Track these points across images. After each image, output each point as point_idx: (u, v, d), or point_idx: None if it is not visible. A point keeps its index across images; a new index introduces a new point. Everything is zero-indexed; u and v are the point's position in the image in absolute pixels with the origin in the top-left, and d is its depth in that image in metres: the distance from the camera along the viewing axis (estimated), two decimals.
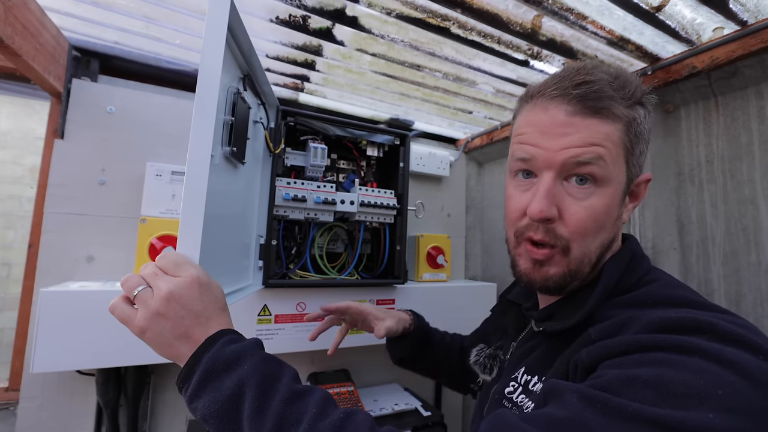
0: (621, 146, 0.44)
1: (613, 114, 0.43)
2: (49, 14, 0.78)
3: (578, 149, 0.43)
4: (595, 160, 0.43)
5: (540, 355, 0.49)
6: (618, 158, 0.44)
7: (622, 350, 0.35)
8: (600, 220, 0.44)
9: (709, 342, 0.32)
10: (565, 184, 0.45)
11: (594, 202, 0.44)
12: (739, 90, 0.80)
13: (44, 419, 0.82)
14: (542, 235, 0.45)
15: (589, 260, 0.46)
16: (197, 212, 0.47)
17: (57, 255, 0.85)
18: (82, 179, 0.88)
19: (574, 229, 0.44)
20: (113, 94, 0.92)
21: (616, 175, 0.44)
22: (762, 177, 0.76)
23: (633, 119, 0.44)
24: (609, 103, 0.43)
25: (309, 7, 0.75)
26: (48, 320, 0.72)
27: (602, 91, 0.43)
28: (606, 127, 0.43)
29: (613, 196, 0.44)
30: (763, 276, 0.75)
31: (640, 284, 0.45)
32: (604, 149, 0.43)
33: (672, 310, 0.37)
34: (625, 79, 0.45)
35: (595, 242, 0.45)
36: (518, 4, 0.72)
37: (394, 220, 1.04)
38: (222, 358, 0.40)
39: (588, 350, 0.37)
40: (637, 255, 0.48)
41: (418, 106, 1.17)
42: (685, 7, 0.71)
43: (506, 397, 0.50)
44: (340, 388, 1.01)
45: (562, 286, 0.47)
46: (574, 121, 0.43)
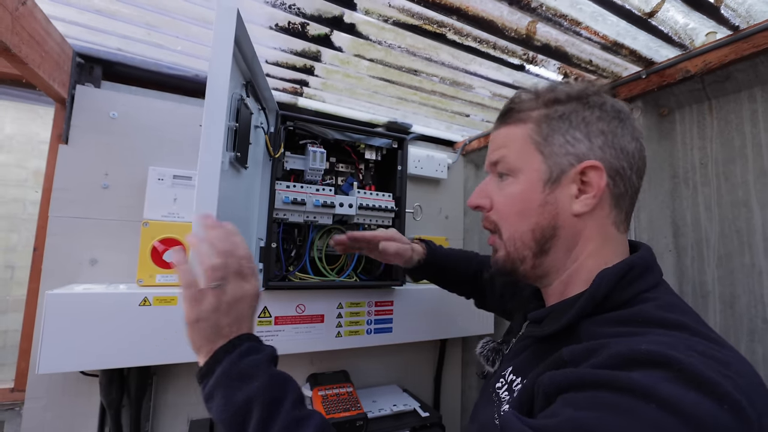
0: (527, 141, 0.50)
1: (519, 119, 0.52)
2: (54, 23, 0.80)
3: (491, 153, 0.55)
4: (500, 158, 0.53)
5: (526, 357, 0.51)
6: (525, 151, 0.50)
7: (580, 384, 0.35)
8: (517, 204, 0.51)
9: (671, 385, 0.31)
10: (498, 181, 0.54)
11: (510, 190, 0.52)
12: (732, 93, 0.81)
13: (49, 419, 0.84)
14: (485, 223, 0.56)
15: (522, 243, 0.50)
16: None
17: (61, 258, 0.87)
18: (86, 183, 0.90)
19: (500, 213, 0.53)
20: (116, 100, 0.93)
21: (527, 165, 0.50)
22: (755, 179, 0.77)
23: (546, 116, 0.50)
24: (513, 114, 0.53)
25: (308, 15, 0.76)
26: (53, 322, 0.74)
27: (509, 106, 0.54)
28: (511, 130, 0.53)
29: (528, 182, 0.50)
30: (757, 278, 0.75)
31: (635, 301, 0.43)
32: (506, 148, 0.52)
33: (649, 337, 0.37)
34: (550, 88, 0.53)
35: (522, 225, 0.50)
36: (513, 11, 0.74)
37: (392, 223, 1.05)
38: (235, 371, 0.46)
39: (551, 377, 0.38)
40: (636, 268, 0.45)
41: (415, 109, 1.19)
42: (677, 13, 0.72)
43: (495, 391, 0.53)
44: (339, 389, 1.02)
45: (507, 269, 0.53)
46: (494, 135, 0.56)
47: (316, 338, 0.98)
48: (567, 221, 0.49)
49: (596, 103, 0.50)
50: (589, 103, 0.50)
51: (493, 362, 0.60)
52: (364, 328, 1.04)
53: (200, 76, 1.02)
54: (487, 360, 0.61)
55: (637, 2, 0.70)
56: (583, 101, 0.50)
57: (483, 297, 0.88)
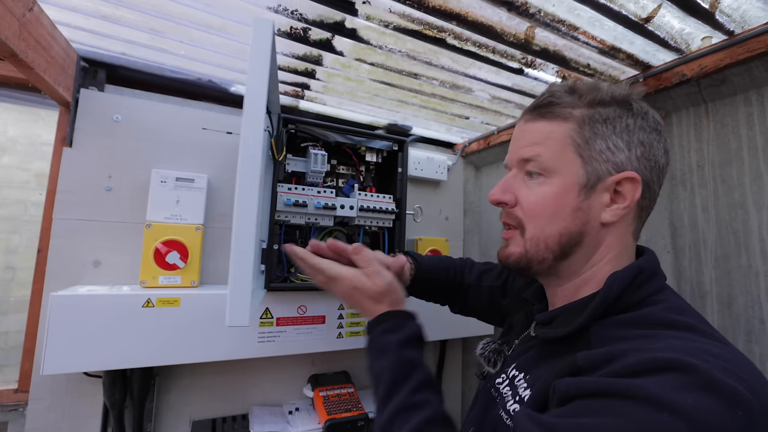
0: (567, 141, 0.48)
1: (558, 115, 0.49)
2: (60, 27, 0.81)
3: (523, 148, 0.52)
4: (534, 156, 0.50)
5: (531, 357, 0.52)
6: (563, 152, 0.48)
7: (596, 392, 0.36)
8: (549, 206, 0.49)
9: (686, 393, 0.32)
10: (525, 178, 0.52)
11: (543, 190, 0.49)
12: (728, 97, 0.82)
13: (53, 420, 0.85)
14: (505, 218, 0.55)
15: (546, 245, 0.49)
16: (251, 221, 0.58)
17: (65, 259, 0.88)
18: (90, 186, 0.91)
19: (526, 211, 0.51)
20: (119, 103, 0.94)
21: (564, 167, 0.48)
22: (751, 182, 0.78)
23: (589, 117, 0.48)
24: (553, 108, 0.50)
25: (309, 20, 0.77)
26: (58, 323, 0.75)
27: (548, 99, 0.50)
28: (549, 127, 0.49)
29: (563, 186, 0.48)
30: (753, 279, 0.76)
31: (645, 303, 0.44)
32: (542, 146, 0.49)
33: (663, 342, 0.38)
34: (590, 87, 0.50)
35: (550, 228, 0.49)
36: (511, 17, 0.75)
37: (392, 224, 1.06)
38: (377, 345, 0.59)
39: (567, 383, 0.38)
40: (645, 272, 0.46)
41: (415, 112, 1.20)
42: (673, 18, 0.74)
43: (495, 387, 0.54)
44: (341, 390, 1.03)
45: (520, 266, 0.52)
46: (526, 127, 0.53)
47: (318, 339, 0.99)
48: (594, 229, 0.49)
49: (640, 111, 0.49)
50: (633, 110, 0.49)
51: (494, 363, 0.60)
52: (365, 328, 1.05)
53: (202, 80, 1.03)
54: (488, 361, 0.61)
55: (633, 8, 0.71)
56: (627, 107, 0.49)
57: (464, 302, 0.86)
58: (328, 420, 0.93)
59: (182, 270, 0.90)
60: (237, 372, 1.03)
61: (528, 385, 0.48)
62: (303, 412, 1.01)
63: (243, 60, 0.93)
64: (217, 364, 0.95)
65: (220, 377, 1.01)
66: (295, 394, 1.09)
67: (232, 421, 0.98)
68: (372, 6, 0.73)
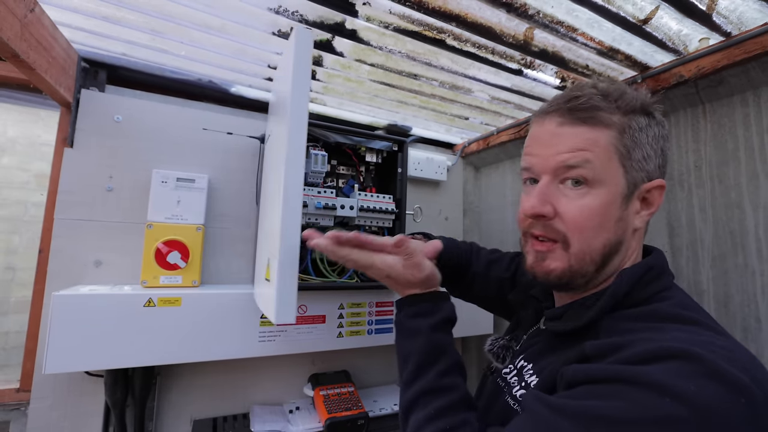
0: (612, 150, 0.47)
1: (601, 122, 0.47)
2: (61, 28, 0.81)
3: (566, 154, 0.48)
4: (582, 164, 0.47)
5: (539, 348, 0.53)
6: (609, 161, 0.47)
7: (603, 377, 0.37)
8: (596, 219, 0.47)
9: (690, 379, 0.33)
10: (561, 187, 0.49)
11: (588, 201, 0.47)
12: (725, 98, 0.82)
13: (55, 419, 0.85)
14: (541, 230, 0.50)
15: (591, 258, 0.48)
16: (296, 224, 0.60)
17: (66, 259, 0.88)
18: (91, 186, 0.91)
19: (570, 224, 0.48)
20: (120, 104, 0.95)
21: (610, 177, 0.47)
22: (748, 182, 0.78)
23: (628, 126, 0.47)
24: (595, 113, 0.47)
25: (310, 21, 0.78)
26: (60, 323, 0.75)
27: (588, 103, 0.48)
28: (593, 134, 0.47)
29: (609, 196, 0.47)
30: (750, 278, 0.77)
31: (653, 300, 0.46)
32: (591, 153, 0.47)
33: (670, 334, 0.39)
34: (621, 92, 0.49)
35: (596, 241, 0.47)
36: (510, 18, 0.75)
37: (392, 225, 1.07)
38: (406, 327, 0.60)
39: (575, 369, 0.40)
40: (654, 269, 0.48)
41: (415, 112, 1.20)
42: (670, 20, 0.74)
43: (501, 377, 0.56)
44: (341, 389, 1.04)
45: (563, 282, 0.50)
46: (563, 131, 0.49)
47: (318, 338, 1.00)
48: (628, 236, 0.50)
49: (661, 120, 0.50)
50: (656, 118, 0.50)
51: (503, 359, 0.60)
52: (365, 328, 1.06)
53: (203, 80, 1.03)
54: (497, 357, 0.61)
55: (631, 9, 0.72)
56: (652, 115, 0.49)
57: (468, 288, 0.84)
58: (329, 419, 0.93)
59: (183, 270, 0.90)
60: (238, 371, 1.04)
61: (534, 373, 0.50)
62: (303, 411, 1.02)
63: (243, 61, 0.93)
64: (218, 363, 0.95)
65: (221, 376, 1.02)
66: (295, 393, 1.09)
67: (233, 420, 0.98)
68: (372, 7, 0.73)
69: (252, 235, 1.06)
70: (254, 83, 1.05)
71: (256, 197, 1.06)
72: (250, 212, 1.06)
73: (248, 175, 1.06)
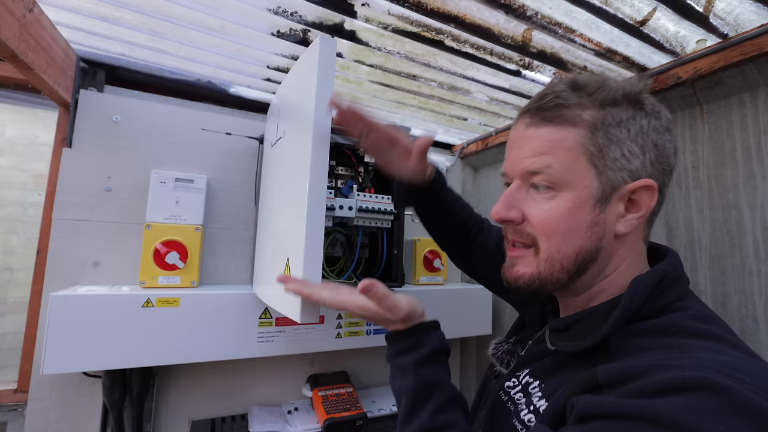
0: (579, 150, 0.43)
1: (567, 120, 0.44)
2: (59, 28, 0.81)
3: (528, 159, 0.45)
4: (543, 169, 0.44)
5: (547, 363, 0.50)
6: (575, 162, 0.43)
7: (618, 414, 0.33)
8: (563, 223, 0.44)
9: (718, 420, 0.29)
10: (531, 191, 0.47)
11: (554, 205, 0.44)
12: (722, 99, 0.83)
13: (52, 420, 0.85)
14: (513, 235, 0.49)
15: (561, 266, 0.45)
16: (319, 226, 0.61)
17: (65, 260, 0.88)
18: (89, 186, 0.91)
19: (538, 228, 0.46)
20: (119, 104, 0.95)
21: (577, 179, 0.43)
22: (745, 183, 0.79)
23: (601, 121, 0.43)
24: (560, 111, 0.44)
25: (309, 22, 0.78)
26: (58, 323, 0.75)
27: (554, 101, 0.45)
28: (558, 134, 0.44)
29: (577, 200, 0.44)
30: (747, 278, 0.77)
31: (668, 310, 0.42)
32: (552, 156, 0.44)
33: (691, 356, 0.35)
34: (600, 84, 0.45)
35: (567, 247, 0.45)
36: (509, 19, 0.76)
37: (391, 225, 1.07)
38: (395, 364, 0.57)
39: (587, 402, 0.36)
40: (669, 276, 0.43)
41: (414, 113, 1.20)
42: (668, 21, 0.75)
43: (504, 390, 0.52)
44: (339, 390, 1.04)
45: (532, 288, 0.48)
46: (528, 133, 0.46)
47: (317, 339, 1.00)
48: (608, 243, 0.45)
49: (653, 110, 0.45)
50: (646, 109, 0.44)
51: (507, 364, 0.57)
52: (363, 329, 1.06)
53: (202, 81, 1.03)
54: (501, 362, 0.58)
55: (629, 11, 0.72)
56: (639, 105, 0.44)
57: (470, 258, 0.79)
58: (327, 419, 0.93)
59: (182, 270, 0.90)
60: (236, 372, 1.03)
61: (543, 395, 0.46)
62: (302, 412, 1.02)
63: (242, 61, 0.93)
64: (216, 364, 0.95)
65: (219, 377, 1.01)
66: (294, 393, 1.09)
67: (231, 421, 0.98)
68: (371, 8, 0.74)
69: (251, 236, 1.06)
70: (253, 84, 1.05)
71: (255, 198, 1.06)
72: (249, 213, 1.06)
73: (247, 176, 1.06)
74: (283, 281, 0.61)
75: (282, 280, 0.62)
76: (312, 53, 0.64)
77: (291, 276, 0.63)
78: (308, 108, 0.62)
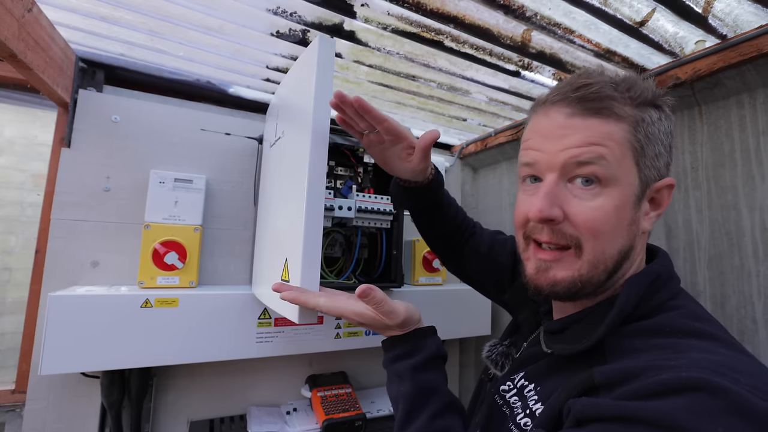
0: (626, 146, 0.42)
1: (615, 114, 0.43)
2: (58, 28, 0.81)
3: (578, 149, 0.42)
4: (596, 160, 0.42)
5: (542, 366, 0.49)
6: (624, 158, 0.42)
7: (615, 417, 0.33)
8: (611, 222, 0.42)
9: (716, 421, 0.29)
10: (570, 186, 0.44)
11: (601, 203, 0.42)
12: (721, 100, 0.83)
13: (50, 421, 0.84)
14: (548, 236, 0.45)
15: (605, 267, 0.43)
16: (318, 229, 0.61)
17: (63, 260, 0.88)
18: (88, 186, 0.91)
19: (583, 228, 0.43)
20: (118, 104, 0.94)
21: (623, 175, 0.42)
22: (743, 184, 0.79)
23: (641, 119, 0.43)
24: (609, 103, 0.43)
25: (308, 22, 0.78)
26: (56, 324, 0.75)
27: (601, 92, 0.43)
28: (607, 127, 0.42)
29: (623, 197, 0.43)
30: (746, 279, 0.77)
31: (661, 309, 0.42)
32: (605, 148, 0.42)
33: (686, 356, 0.35)
34: (632, 81, 0.45)
35: (611, 247, 0.43)
36: (508, 20, 0.76)
37: (390, 226, 1.07)
38: (391, 370, 0.57)
39: (584, 404, 0.36)
40: (662, 276, 0.44)
41: (413, 113, 1.20)
42: (667, 22, 0.75)
43: (500, 394, 0.52)
44: (338, 390, 1.03)
45: (571, 292, 0.45)
46: (573, 123, 0.43)
47: (315, 339, 0.99)
48: (638, 240, 0.46)
49: (669, 114, 0.46)
50: (666, 112, 0.46)
51: (502, 366, 0.57)
52: (362, 329, 1.06)
53: (201, 81, 1.03)
54: (495, 364, 0.58)
55: (628, 12, 0.72)
56: (661, 109, 0.45)
57: (462, 263, 0.79)
58: (326, 420, 0.93)
59: (180, 270, 0.90)
60: (235, 372, 1.03)
61: (539, 399, 0.46)
62: (301, 413, 1.02)
63: (241, 61, 0.93)
64: (215, 364, 0.95)
65: (218, 378, 1.01)
66: (292, 394, 1.09)
67: (230, 422, 0.98)
68: (370, 8, 0.74)
69: (250, 236, 1.06)
70: (252, 84, 1.05)
71: (254, 198, 1.06)
72: (248, 213, 1.06)
73: (246, 176, 1.06)
74: (278, 290, 0.59)
75: (277, 289, 0.60)
76: (311, 53, 0.64)
77: (286, 284, 0.62)
78: (307, 108, 0.62)
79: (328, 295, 0.58)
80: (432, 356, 0.56)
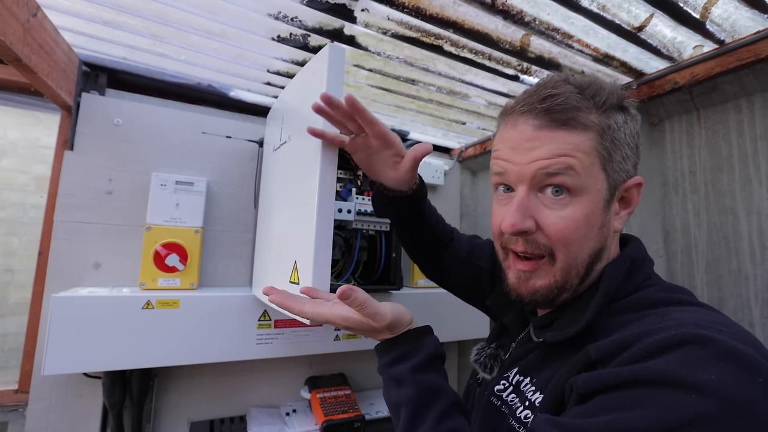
0: (594, 154, 0.44)
1: (581, 124, 0.44)
2: (62, 32, 0.82)
3: (546, 161, 0.44)
4: (565, 170, 0.43)
5: (534, 358, 0.50)
6: (592, 167, 0.44)
7: (617, 384, 0.34)
8: (581, 230, 0.44)
9: (709, 368, 0.31)
10: (541, 196, 0.46)
11: (571, 212, 0.44)
12: (719, 104, 0.83)
13: (52, 421, 0.85)
14: (523, 247, 0.47)
15: (576, 272, 0.46)
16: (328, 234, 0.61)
17: (66, 262, 0.88)
18: (91, 189, 0.92)
19: (555, 238, 0.45)
20: (120, 107, 0.95)
21: (592, 183, 0.44)
22: (741, 188, 0.79)
23: (607, 126, 0.44)
24: (575, 114, 0.44)
25: (309, 27, 0.79)
26: (59, 324, 0.76)
27: (566, 103, 0.44)
28: (574, 138, 0.44)
29: (592, 204, 0.45)
30: (743, 282, 0.78)
31: (640, 288, 0.45)
32: (574, 159, 0.43)
33: (672, 316, 0.38)
34: (597, 87, 0.46)
35: (582, 253, 0.45)
36: (507, 25, 0.76)
37: (389, 228, 1.07)
38: (388, 375, 0.54)
39: (585, 379, 0.37)
40: (637, 260, 0.47)
41: (413, 117, 1.21)
42: (665, 27, 0.75)
43: (495, 395, 0.52)
44: (337, 392, 1.04)
45: (549, 299, 0.47)
46: (541, 135, 0.45)
47: (315, 341, 1.00)
48: (609, 240, 0.48)
49: (635, 115, 0.48)
50: (631, 114, 0.47)
51: (490, 369, 0.56)
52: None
53: (202, 84, 1.04)
54: (484, 367, 0.57)
55: (626, 17, 0.73)
56: (626, 111, 0.47)
57: (442, 269, 0.79)
58: (325, 421, 0.94)
59: (181, 272, 0.91)
60: (235, 374, 1.04)
61: (537, 389, 0.46)
62: (300, 414, 1.02)
63: (242, 65, 0.94)
64: (215, 365, 0.96)
65: (218, 379, 1.02)
66: (292, 395, 1.09)
67: (230, 423, 0.99)
68: (370, 13, 0.74)
69: (250, 239, 1.07)
70: (253, 87, 1.05)
71: (255, 200, 1.06)
72: (249, 215, 1.07)
73: (246, 179, 1.07)
74: (267, 293, 0.60)
75: (267, 292, 0.60)
76: (321, 61, 0.65)
77: (275, 288, 0.61)
78: (317, 116, 0.61)
79: (314, 302, 0.57)
80: (432, 356, 0.54)
